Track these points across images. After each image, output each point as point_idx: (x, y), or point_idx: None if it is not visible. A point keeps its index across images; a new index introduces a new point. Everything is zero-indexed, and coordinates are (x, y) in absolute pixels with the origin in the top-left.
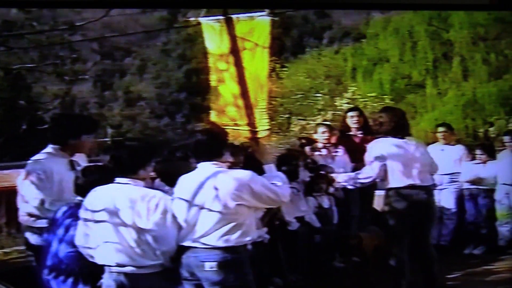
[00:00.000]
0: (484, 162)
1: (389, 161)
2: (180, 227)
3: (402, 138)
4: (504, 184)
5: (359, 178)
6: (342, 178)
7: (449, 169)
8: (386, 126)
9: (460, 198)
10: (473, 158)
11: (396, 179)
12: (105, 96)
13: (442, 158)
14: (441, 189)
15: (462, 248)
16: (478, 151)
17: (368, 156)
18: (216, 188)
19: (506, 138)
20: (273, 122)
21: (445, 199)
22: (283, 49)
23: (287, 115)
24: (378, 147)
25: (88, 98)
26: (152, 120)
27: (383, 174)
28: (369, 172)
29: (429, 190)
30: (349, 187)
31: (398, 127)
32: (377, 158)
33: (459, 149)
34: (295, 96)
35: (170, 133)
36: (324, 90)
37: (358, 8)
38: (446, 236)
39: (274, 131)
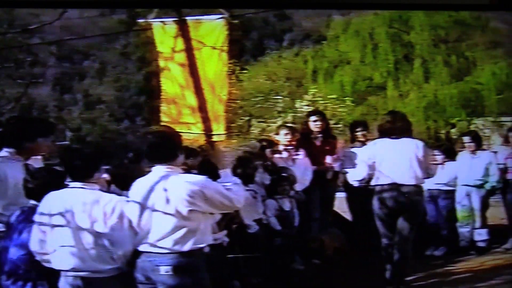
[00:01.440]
0: (442, 163)
1: (379, 160)
2: (135, 231)
3: (398, 138)
4: (464, 185)
5: (353, 179)
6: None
7: None
8: (385, 127)
9: None
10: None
11: (383, 177)
12: (64, 99)
13: None
14: None
15: (423, 249)
16: (436, 152)
17: (361, 156)
18: (165, 190)
19: (465, 139)
20: (232, 126)
21: None
22: (243, 51)
23: (247, 118)
24: (372, 147)
25: (47, 101)
26: (112, 123)
27: (373, 172)
28: (360, 172)
29: (415, 189)
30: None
31: (395, 128)
32: (369, 157)
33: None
34: (255, 99)
35: (130, 136)
36: (284, 92)
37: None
38: None
39: (234, 133)
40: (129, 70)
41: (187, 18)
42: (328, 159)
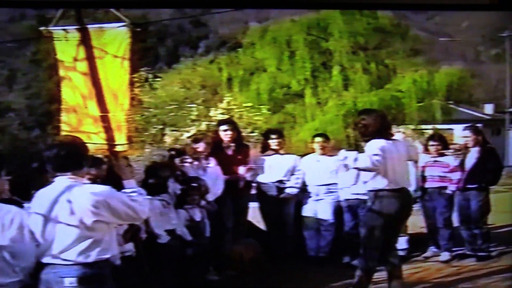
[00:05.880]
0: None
1: (387, 161)
2: (38, 243)
3: (388, 139)
4: None
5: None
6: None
7: (326, 180)
8: (372, 128)
9: (338, 209)
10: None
11: (390, 180)
12: None
13: (318, 169)
14: (317, 200)
15: (342, 258)
16: None
17: (368, 151)
18: (69, 201)
19: None
20: (133, 135)
21: (322, 210)
22: (157, 59)
23: (160, 126)
24: (377, 145)
25: None
26: (22, 132)
27: (381, 168)
28: (368, 160)
29: (410, 192)
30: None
31: (383, 128)
32: (378, 153)
33: (336, 160)
34: (169, 107)
35: (41, 145)
36: (199, 100)
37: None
38: (324, 247)
39: (148, 142)
40: (40, 77)
41: (88, 26)
42: (240, 169)
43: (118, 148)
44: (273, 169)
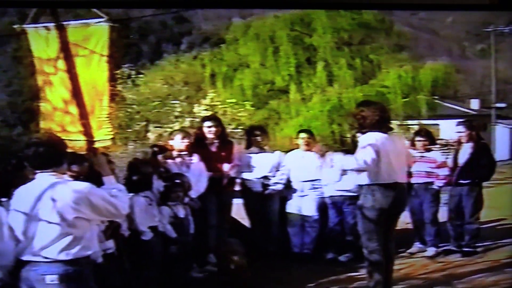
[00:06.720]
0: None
1: (382, 155)
2: (18, 240)
3: (386, 133)
4: None
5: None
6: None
7: (310, 176)
8: (370, 120)
9: (322, 205)
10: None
11: (383, 175)
12: None
13: (302, 165)
14: (302, 196)
15: (326, 255)
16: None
17: (360, 145)
18: (53, 200)
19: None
20: (114, 132)
21: (306, 206)
22: (140, 55)
23: (144, 123)
24: (371, 139)
25: None
26: (4, 129)
27: (374, 165)
28: (367, 154)
29: (404, 186)
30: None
31: (382, 121)
32: (369, 152)
33: (322, 161)
34: (152, 103)
35: (23, 142)
36: (182, 97)
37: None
38: (309, 244)
39: (132, 139)
40: (22, 74)
41: (65, 22)
42: (225, 166)
43: (97, 145)
44: (258, 165)
